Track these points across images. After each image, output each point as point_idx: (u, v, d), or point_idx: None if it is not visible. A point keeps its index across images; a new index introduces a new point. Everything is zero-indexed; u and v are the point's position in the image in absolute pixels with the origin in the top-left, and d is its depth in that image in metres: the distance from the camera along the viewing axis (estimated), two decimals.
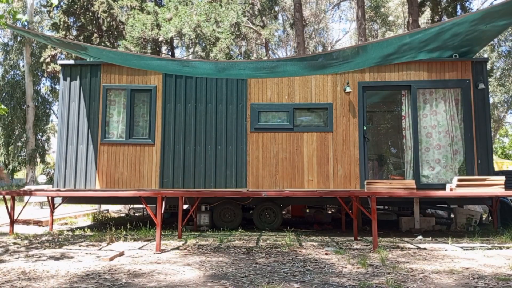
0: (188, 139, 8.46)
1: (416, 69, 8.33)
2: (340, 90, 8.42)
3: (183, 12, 15.81)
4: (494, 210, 7.79)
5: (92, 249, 5.91)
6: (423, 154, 8.22)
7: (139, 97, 8.68)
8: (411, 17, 15.79)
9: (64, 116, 8.54)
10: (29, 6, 22.49)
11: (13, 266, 4.67)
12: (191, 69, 7.84)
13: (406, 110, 8.38)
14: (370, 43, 6.90)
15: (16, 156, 26.54)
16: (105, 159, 8.43)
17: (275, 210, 8.24)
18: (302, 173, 8.28)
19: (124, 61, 8.24)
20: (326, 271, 4.48)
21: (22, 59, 25.39)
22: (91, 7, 18.31)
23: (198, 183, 8.33)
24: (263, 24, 24.60)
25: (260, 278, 4.16)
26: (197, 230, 7.99)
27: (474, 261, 5.06)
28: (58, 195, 7.83)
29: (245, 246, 6.12)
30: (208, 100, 8.54)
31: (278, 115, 8.50)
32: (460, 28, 6.80)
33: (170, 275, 4.29)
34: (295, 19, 18.39)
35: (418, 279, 4.14)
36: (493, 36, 7.88)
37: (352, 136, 8.30)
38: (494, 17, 6.45)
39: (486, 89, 8.16)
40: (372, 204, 6.01)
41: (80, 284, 3.91)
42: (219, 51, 16.36)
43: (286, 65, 7.40)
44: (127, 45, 16.27)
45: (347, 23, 52.66)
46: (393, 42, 6.80)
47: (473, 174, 7.88)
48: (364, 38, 16.64)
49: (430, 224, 8.14)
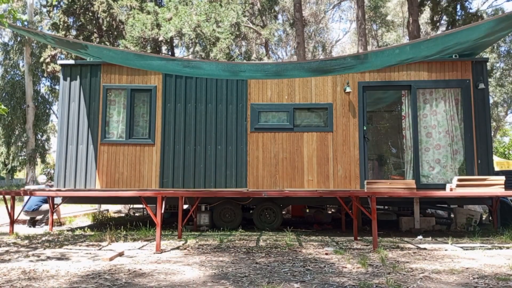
0: (188, 139, 8.46)
1: (416, 69, 8.33)
2: (340, 90, 8.42)
3: (183, 12, 15.81)
4: (494, 210, 7.79)
5: (92, 249, 5.91)
6: (423, 154, 8.22)
7: (139, 97, 8.68)
8: (411, 17, 15.79)
9: (64, 116, 8.54)
10: (29, 6, 22.48)
11: (13, 266, 4.67)
12: (196, 70, 7.80)
13: (406, 110, 8.38)
14: (372, 52, 6.88)
15: (16, 156, 26.55)
16: (105, 159, 8.43)
17: (275, 210, 8.24)
18: (302, 173, 8.28)
19: (125, 60, 8.23)
20: (326, 271, 4.48)
21: (22, 59, 25.39)
22: (91, 7, 18.30)
23: (198, 183, 8.33)
24: (263, 24, 24.60)
25: (260, 278, 4.16)
26: (197, 230, 7.99)
27: (474, 261, 5.06)
28: (58, 195, 7.84)
29: (245, 246, 6.12)
30: (208, 100, 8.54)
31: (278, 115, 8.50)
32: (463, 45, 6.84)
33: (170, 275, 4.29)
34: (295, 19, 18.39)
35: (418, 279, 4.14)
36: (495, 41, 7.90)
37: (352, 136, 8.30)
38: (498, 32, 6.42)
39: (486, 89, 8.16)
40: (372, 204, 6.01)
41: (80, 284, 3.91)
42: (219, 51, 16.36)
43: (295, 69, 7.37)
44: (127, 44, 16.26)
45: (347, 23, 52.67)
46: (393, 53, 6.75)
47: (473, 174, 7.88)
48: (364, 38, 16.65)
49: (430, 224, 8.14)
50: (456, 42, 6.49)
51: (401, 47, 6.66)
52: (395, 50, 6.63)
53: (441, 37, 6.24)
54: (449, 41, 6.36)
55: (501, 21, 5.87)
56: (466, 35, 6.35)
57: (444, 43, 6.40)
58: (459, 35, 6.26)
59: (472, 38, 6.54)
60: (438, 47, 6.54)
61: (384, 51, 6.77)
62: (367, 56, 6.92)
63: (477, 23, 6.22)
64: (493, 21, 5.93)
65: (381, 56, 6.86)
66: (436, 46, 6.48)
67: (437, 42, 6.32)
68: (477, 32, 6.29)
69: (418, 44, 6.46)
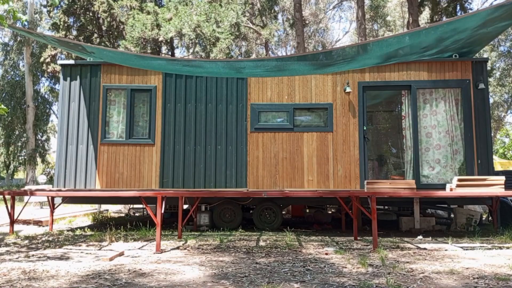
0: (188, 139, 8.46)
1: (416, 69, 8.33)
2: (340, 90, 8.42)
3: (183, 12, 15.81)
4: (494, 210, 7.79)
5: (92, 249, 5.91)
6: (423, 154, 8.22)
7: (139, 97, 8.68)
8: (411, 16, 15.79)
9: (64, 116, 8.54)
10: (29, 6, 22.49)
11: (13, 266, 4.67)
12: (197, 68, 7.79)
13: (406, 110, 8.38)
14: (371, 41, 6.83)
15: (16, 156, 26.56)
16: (105, 159, 8.43)
17: (275, 210, 8.24)
18: (302, 173, 8.28)
19: (125, 60, 8.23)
20: (326, 271, 4.48)
21: (22, 59, 25.40)
22: (91, 7, 18.31)
23: (198, 183, 8.33)
24: (263, 24, 24.58)
25: (260, 278, 4.16)
26: (197, 230, 7.99)
27: (474, 261, 5.06)
28: (58, 195, 7.84)
29: (245, 246, 6.12)
30: (208, 100, 8.54)
31: (278, 115, 8.50)
32: (461, 35, 6.81)
33: (170, 275, 4.29)
34: (295, 19, 18.39)
35: (418, 279, 4.14)
36: (494, 36, 7.88)
37: (352, 136, 8.30)
38: (495, 21, 6.42)
39: (486, 89, 8.16)
40: (372, 204, 6.01)
41: (80, 284, 3.91)
42: (219, 51, 16.36)
43: (298, 64, 7.35)
44: (127, 45, 16.26)
45: (347, 23, 52.67)
46: (392, 42, 6.77)
47: (473, 174, 7.88)
48: (364, 38, 16.64)
49: (430, 224, 8.14)
50: (454, 28, 6.47)
51: (399, 36, 6.66)
52: (394, 38, 6.66)
53: (439, 25, 6.30)
54: (447, 27, 6.37)
55: (497, 9, 5.89)
56: (464, 22, 6.36)
57: (442, 32, 6.41)
58: (456, 23, 6.29)
59: (470, 26, 6.52)
60: (436, 34, 6.53)
61: (383, 40, 6.76)
62: (366, 47, 6.90)
63: (474, 11, 6.25)
64: (490, 10, 5.98)
65: (380, 45, 6.83)
66: (434, 34, 6.48)
67: (436, 30, 6.33)
68: (474, 20, 6.31)
69: (417, 32, 6.49)
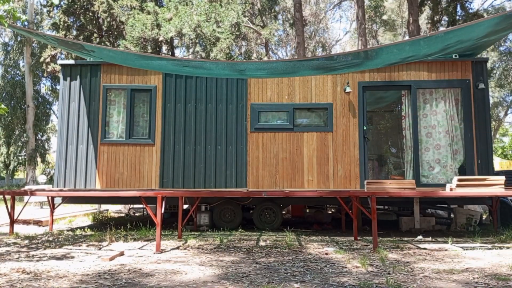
0: (188, 139, 8.46)
1: (416, 69, 8.33)
2: (340, 90, 8.43)
3: (183, 12, 15.80)
4: (494, 210, 7.78)
5: (92, 249, 5.91)
6: (423, 154, 8.22)
7: (139, 97, 8.68)
8: (411, 17, 15.79)
9: (64, 116, 8.54)
10: (29, 6, 22.49)
11: (13, 266, 4.67)
12: (198, 69, 7.78)
13: (406, 110, 8.38)
14: (373, 48, 6.83)
15: (16, 156, 26.56)
16: (105, 159, 8.44)
17: (275, 210, 8.24)
18: (302, 173, 8.28)
19: (125, 60, 8.23)
20: (326, 271, 4.48)
21: (22, 59, 25.41)
22: (91, 7, 18.29)
23: (198, 183, 8.33)
24: (263, 24, 24.58)
25: (260, 278, 4.16)
26: (197, 230, 7.99)
27: (474, 261, 5.06)
28: (59, 195, 7.84)
29: (245, 246, 6.12)
30: (208, 100, 8.54)
31: (278, 115, 8.50)
32: (465, 44, 6.82)
33: (170, 275, 4.30)
34: (295, 19, 18.38)
35: (418, 279, 4.14)
36: (496, 41, 7.91)
37: (352, 136, 8.30)
38: (498, 31, 6.41)
39: (486, 89, 8.16)
40: (372, 204, 6.01)
41: (80, 284, 3.91)
42: (219, 51, 16.35)
43: (302, 66, 7.35)
44: (127, 45, 16.25)
45: (347, 23, 52.65)
46: (394, 52, 6.74)
47: (473, 174, 7.88)
48: (364, 38, 16.64)
49: (430, 224, 8.14)
50: (458, 40, 6.47)
51: (399, 44, 6.66)
52: (395, 47, 6.63)
53: (442, 34, 6.24)
54: (450, 38, 6.35)
55: (503, 19, 5.85)
56: (468, 32, 6.33)
57: (445, 41, 6.40)
58: (460, 32, 6.25)
59: (474, 36, 6.53)
60: (440, 45, 6.53)
61: (383, 48, 6.75)
62: (367, 54, 6.91)
63: (477, 20, 6.19)
64: (494, 19, 5.92)
65: (382, 53, 6.83)
66: (437, 44, 6.47)
67: (438, 40, 6.31)
68: (478, 30, 6.28)
69: (418, 41, 6.46)
